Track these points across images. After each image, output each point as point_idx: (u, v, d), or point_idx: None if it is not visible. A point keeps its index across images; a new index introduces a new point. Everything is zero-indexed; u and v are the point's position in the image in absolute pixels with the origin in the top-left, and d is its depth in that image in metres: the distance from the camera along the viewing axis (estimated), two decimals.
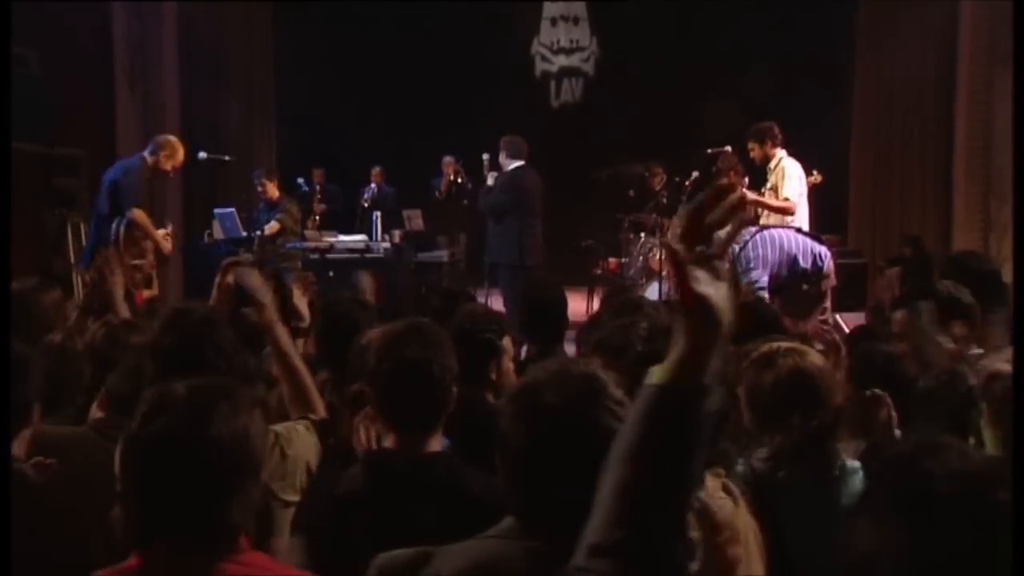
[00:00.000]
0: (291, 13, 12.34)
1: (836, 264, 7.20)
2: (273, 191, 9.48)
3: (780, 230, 6.88)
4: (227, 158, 9.47)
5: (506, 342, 3.28)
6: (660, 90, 12.44)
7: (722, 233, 1.44)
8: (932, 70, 11.05)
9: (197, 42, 11.43)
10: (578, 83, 13.58)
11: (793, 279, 6.60)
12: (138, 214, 7.24)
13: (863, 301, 9.10)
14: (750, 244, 6.58)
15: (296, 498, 2.75)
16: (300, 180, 11.36)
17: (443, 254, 10.28)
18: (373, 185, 11.72)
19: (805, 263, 6.67)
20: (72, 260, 8.64)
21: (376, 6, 12.39)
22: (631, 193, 10.40)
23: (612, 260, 10.64)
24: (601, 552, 1.39)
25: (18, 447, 2.52)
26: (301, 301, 4.20)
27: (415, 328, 2.61)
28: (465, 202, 11.03)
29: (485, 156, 8.43)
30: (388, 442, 2.37)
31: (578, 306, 9.08)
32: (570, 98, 13.54)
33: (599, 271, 10.73)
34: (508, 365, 3.23)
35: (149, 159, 7.55)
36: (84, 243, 9.05)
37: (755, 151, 7.44)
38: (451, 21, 12.32)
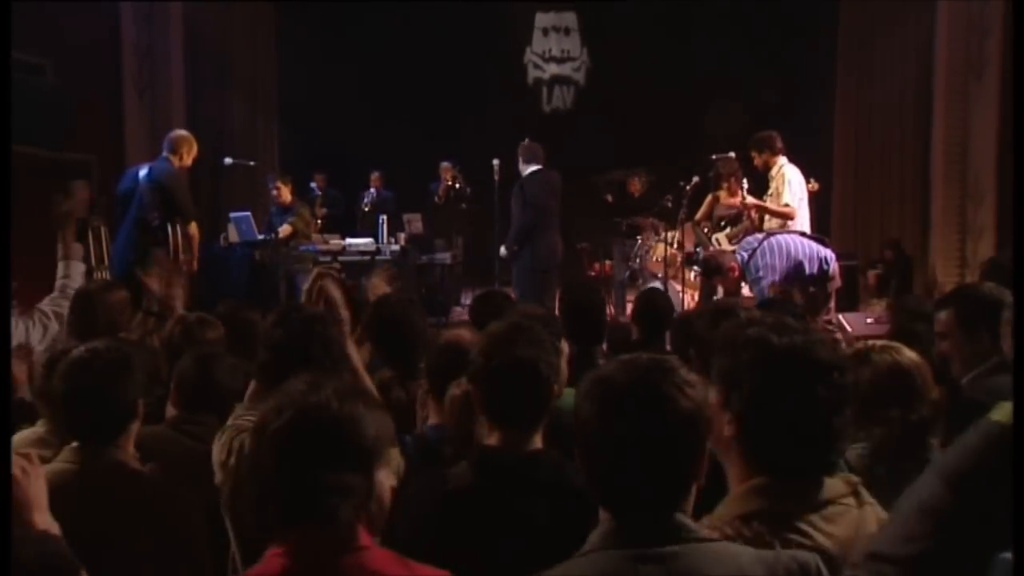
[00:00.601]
0: (293, 25, 12.35)
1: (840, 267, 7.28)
2: (286, 194, 9.45)
3: (786, 236, 6.91)
4: (252, 163, 9.50)
5: (563, 343, 3.25)
6: (647, 99, 12.43)
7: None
8: (910, 81, 11.22)
9: (203, 50, 11.47)
10: (569, 91, 13.68)
11: (802, 281, 6.62)
12: (193, 225, 7.32)
13: (855, 302, 9.23)
14: (759, 252, 6.61)
15: None
16: (312, 184, 11.38)
17: (446, 256, 10.36)
18: (372, 189, 11.74)
19: (811, 267, 6.71)
20: (92, 262, 8.72)
21: (376, 14, 12.35)
22: (609, 199, 10.40)
23: (608, 263, 10.75)
24: (886, 560, 1.42)
25: (127, 444, 2.53)
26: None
27: (521, 327, 2.60)
28: (463, 206, 11.08)
29: (495, 161, 8.51)
30: (493, 440, 2.34)
31: None
32: (561, 105, 13.62)
33: (594, 272, 10.88)
34: (563, 366, 3.18)
35: (175, 160, 7.49)
36: (105, 246, 9.21)
37: (757, 159, 7.51)
38: (448, 29, 12.30)
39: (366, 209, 11.67)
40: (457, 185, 11.12)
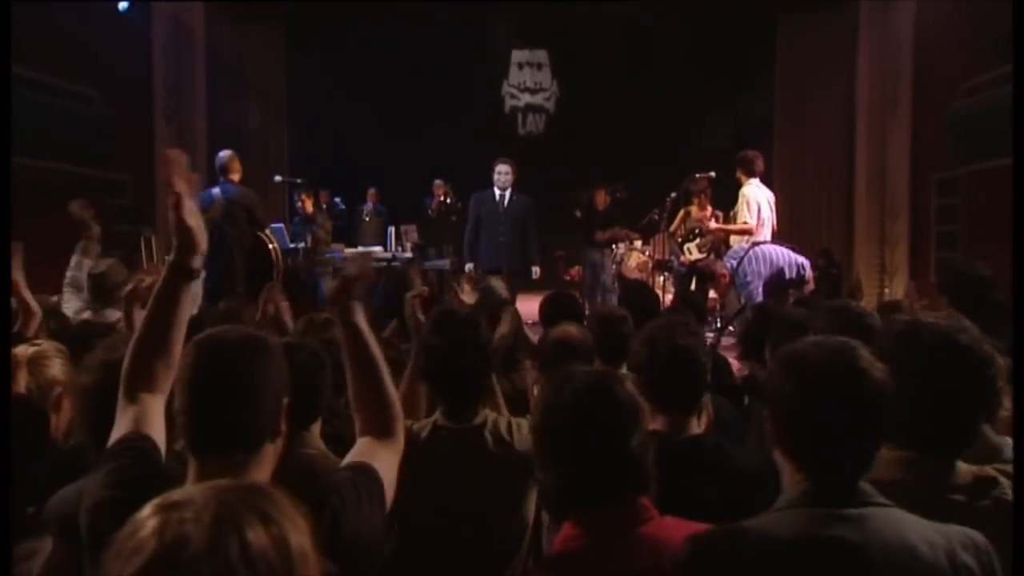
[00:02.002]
0: (302, 56, 12.67)
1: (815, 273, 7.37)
2: (309, 206, 9.76)
3: (768, 246, 7.04)
4: (299, 180, 9.72)
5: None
6: (608, 126, 12.70)
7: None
8: (836, 115, 11.85)
9: (222, 84, 11.91)
10: (541, 118, 13.96)
11: (782, 285, 6.76)
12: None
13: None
14: (746, 260, 6.76)
15: None
16: (337, 199, 11.55)
17: (445, 263, 10.48)
18: (370, 203, 11.93)
19: (790, 273, 6.86)
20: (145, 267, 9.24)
21: (376, 46, 12.62)
22: (578, 214, 10.36)
23: (576, 269, 11.07)
24: None
25: (314, 441, 2.46)
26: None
27: (678, 321, 2.63)
28: (453, 219, 11.06)
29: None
30: (657, 424, 2.27)
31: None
32: (534, 129, 13.92)
33: (568, 277, 11.36)
34: None
35: (235, 178, 7.52)
36: (155, 255, 9.77)
37: (737, 176, 7.65)
38: (437, 63, 12.57)
39: (367, 220, 11.86)
40: (448, 200, 11.22)
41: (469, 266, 8.32)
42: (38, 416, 2.64)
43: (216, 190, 7.47)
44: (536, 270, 8.18)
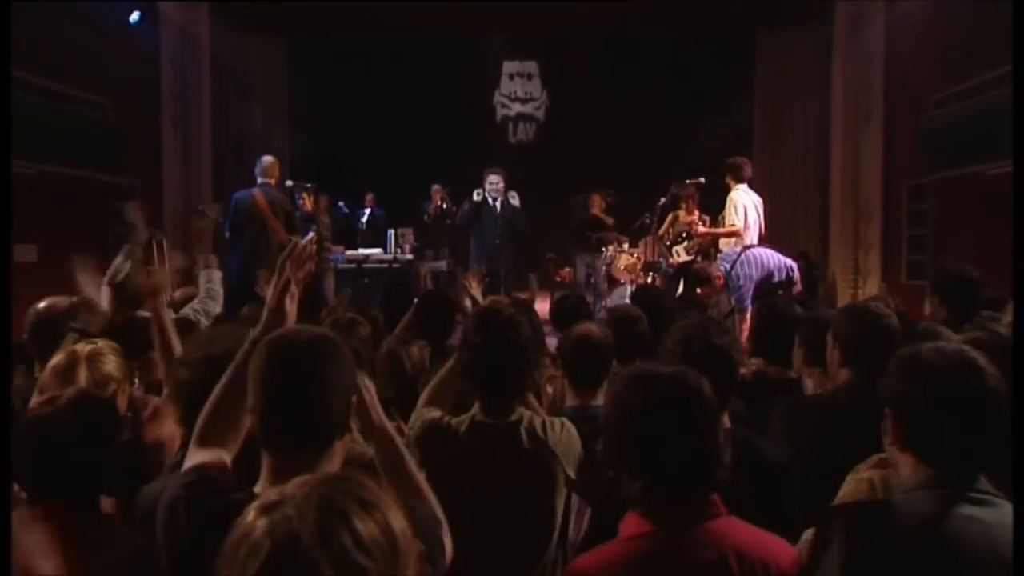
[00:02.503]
0: (303, 64, 12.65)
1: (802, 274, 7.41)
2: (309, 204, 9.72)
3: (758, 249, 7.07)
4: (308, 185, 9.74)
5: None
6: (596, 134, 12.71)
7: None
8: (812, 126, 11.96)
9: (226, 93, 11.94)
10: (531, 126, 13.94)
11: (771, 288, 6.78)
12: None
13: None
14: (738, 263, 6.78)
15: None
16: (341, 203, 11.56)
17: (442, 264, 10.79)
18: (368, 208, 11.96)
19: (779, 275, 6.89)
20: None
21: (373, 57, 12.59)
22: (592, 212, 10.36)
23: (567, 270, 11.07)
24: None
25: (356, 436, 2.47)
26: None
27: (712, 321, 2.76)
28: (448, 222, 11.13)
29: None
30: None
31: (543, 305, 9.10)
32: (524, 138, 13.88)
33: (558, 278, 11.28)
34: None
35: (272, 182, 7.61)
36: (165, 256, 9.78)
37: (727, 182, 7.72)
38: (433, 73, 12.53)
39: (363, 224, 11.89)
40: (445, 205, 11.35)
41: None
42: (108, 408, 2.67)
43: (255, 189, 7.59)
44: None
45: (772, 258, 7.02)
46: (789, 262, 7.06)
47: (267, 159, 7.75)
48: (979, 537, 1.63)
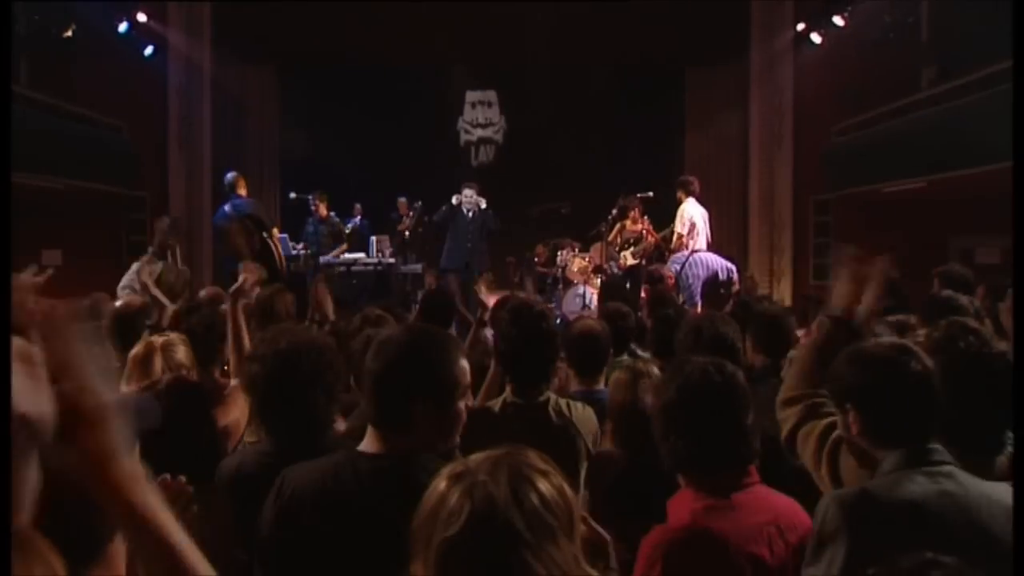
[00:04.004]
0: (292, 94, 12.72)
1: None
2: (323, 210, 9.77)
3: (704, 253, 7.26)
4: (310, 196, 9.73)
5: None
6: (548, 155, 12.60)
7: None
8: (734, 148, 12.18)
9: (224, 116, 11.97)
10: (491, 149, 13.79)
11: (715, 286, 7.09)
12: (275, 232, 7.64)
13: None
14: (687, 265, 7.08)
15: None
16: (332, 213, 10.98)
17: (417, 267, 10.81)
18: (358, 218, 11.64)
19: (723, 275, 7.18)
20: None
21: (356, 87, 12.56)
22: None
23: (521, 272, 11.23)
24: None
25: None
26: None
27: (719, 314, 2.88)
28: (420, 230, 11.08)
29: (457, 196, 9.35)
30: None
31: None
32: (485, 159, 13.72)
33: (517, 279, 11.47)
34: None
35: (243, 192, 7.67)
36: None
37: (678, 196, 7.89)
38: (405, 103, 12.65)
39: (348, 231, 11.41)
40: (412, 213, 11.16)
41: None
42: (201, 392, 2.82)
43: (228, 206, 7.66)
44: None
45: (716, 260, 7.26)
46: (729, 264, 7.30)
47: (230, 175, 7.82)
48: (958, 510, 1.63)
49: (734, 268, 7.40)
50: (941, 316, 2.77)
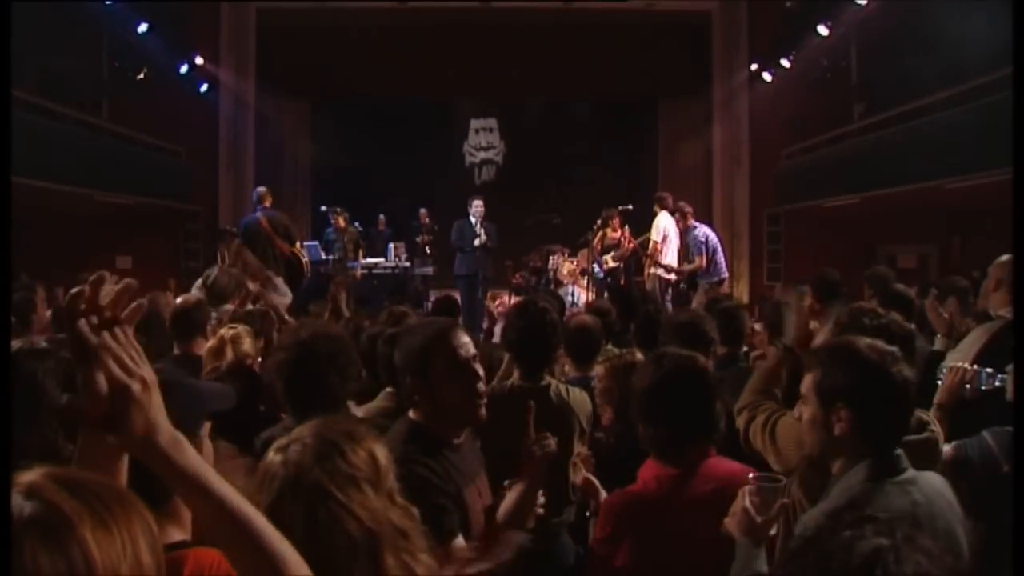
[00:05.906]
0: (322, 122, 12.67)
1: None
2: (341, 222, 9.57)
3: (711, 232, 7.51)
4: (338, 209, 9.59)
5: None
6: (542, 174, 12.77)
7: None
8: (700, 169, 12.22)
9: (265, 141, 12.08)
10: (492, 168, 13.78)
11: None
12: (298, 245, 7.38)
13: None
14: (709, 241, 7.46)
15: None
16: (356, 223, 10.81)
17: (429, 269, 10.70)
18: (382, 227, 11.72)
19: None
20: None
21: (376, 115, 12.58)
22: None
23: (520, 274, 11.13)
24: None
25: None
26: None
27: (705, 314, 2.94)
28: (430, 238, 10.95)
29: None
30: None
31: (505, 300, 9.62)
32: (487, 177, 13.68)
33: (514, 280, 11.28)
34: None
35: (269, 204, 7.41)
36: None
37: (655, 210, 7.85)
38: (419, 131, 12.79)
39: (366, 239, 11.28)
40: (428, 222, 11.14)
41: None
42: (256, 379, 2.86)
43: (258, 214, 7.41)
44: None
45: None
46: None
47: (259, 189, 7.52)
48: (927, 519, 1.49)
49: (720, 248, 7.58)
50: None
